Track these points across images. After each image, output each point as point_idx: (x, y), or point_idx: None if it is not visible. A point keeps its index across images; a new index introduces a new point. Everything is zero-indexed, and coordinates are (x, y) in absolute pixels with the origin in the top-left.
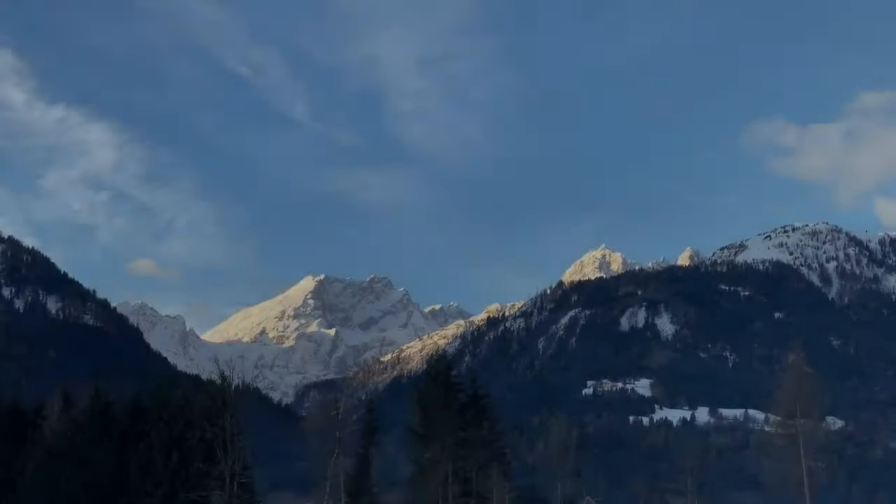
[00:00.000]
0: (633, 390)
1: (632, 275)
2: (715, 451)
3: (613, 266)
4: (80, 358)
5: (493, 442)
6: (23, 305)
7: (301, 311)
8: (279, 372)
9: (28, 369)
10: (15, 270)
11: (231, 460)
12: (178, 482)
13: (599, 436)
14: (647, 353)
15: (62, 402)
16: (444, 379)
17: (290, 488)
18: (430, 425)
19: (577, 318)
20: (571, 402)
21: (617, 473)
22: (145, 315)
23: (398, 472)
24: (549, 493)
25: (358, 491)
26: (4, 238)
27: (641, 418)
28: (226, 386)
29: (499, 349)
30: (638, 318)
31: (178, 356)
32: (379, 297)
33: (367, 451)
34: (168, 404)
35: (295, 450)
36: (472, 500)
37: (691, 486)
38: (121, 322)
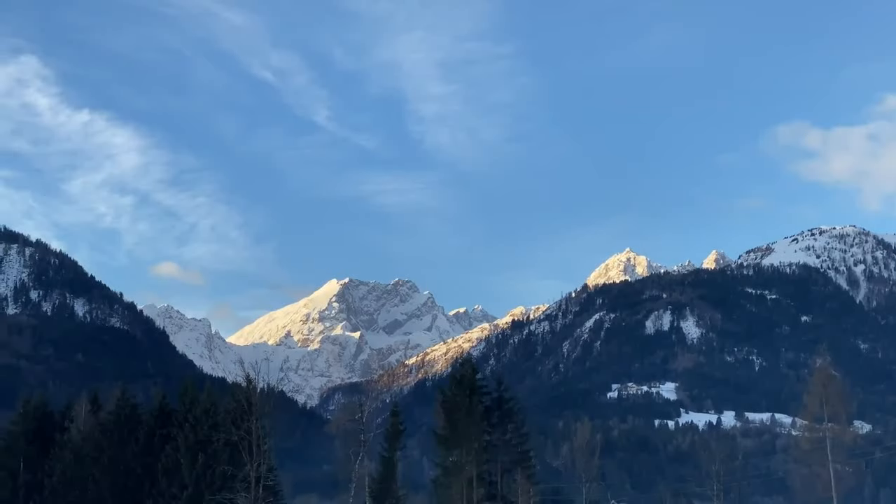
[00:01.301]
0: (659, 394)
1: (657, 278)
2: (741, 456)
3: (638, 269)
4: (106, 360)
5: (517, 445)
6: (50, 308)
7: (326, 314)
8: (304, 375)
9: (55, 371)
10: (42, 273)
11: (257, 463)
12: (204, 485)
13: (624, 439)
14: (672, 357)
15: (89, 404)
16: (469, 382)
17: (316, 491)
18: (455, 428)
19: (602, 321)
20: (596, 406)
21: (642, 477)
22: (171, 318)
23: (423, 475)
24: (575, 496)
25: (383, 494)
26: (32, 241)
27: (667, 422)
28: (251, 388)
29: (523, 352)
30: (663, 321)
31: (203, 359)
32: (403, 301)
33: (391, 455)
34: (194, 407)
35: (320, 452)
36: (497, 503)
37: (717, 491)
38: (147, 325)
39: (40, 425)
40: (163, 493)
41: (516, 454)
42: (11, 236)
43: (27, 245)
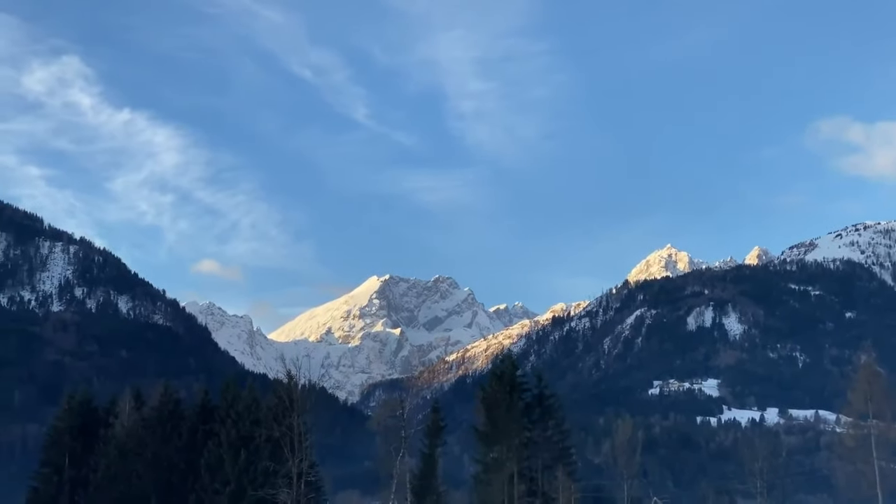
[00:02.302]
0: (701, 390)
1: (698, 274)
2: (785, 453)
3: (680, 265)
4: (150, 357)
5: (558, 442)
6: (94, 305)
7: (366, 311)
8: (345, 371)
9: (100, 368)
10: (87, 271)
11: (298, 459)
12: (247, 480)
13: (666, 436)
14: (714, 353)
15: (133, 400)
16: (509, 379)
17: (357, 487)
18: (496, 425)
19: (643, 317)
20: (637, 403)
21: (684, 475)
22: (213, 315)
23: (463, 471)
24: (616, 493)
25: (424, 490)
26: (76, 239)
27: (709, 419)
28: (292, 385)
29: (564, 349)
30: (705, 317)
31: (245, 355)
32: (444, 297)
33: (432, 451)
34: (236, 403)
35: (361, 449)
36: (537, 500)
37: (761, 488)
38: (189, 322)
39: (85, 421)
40: (206, 489)
41: (557, 451)
42: (56, 234)
43: (71, 243)
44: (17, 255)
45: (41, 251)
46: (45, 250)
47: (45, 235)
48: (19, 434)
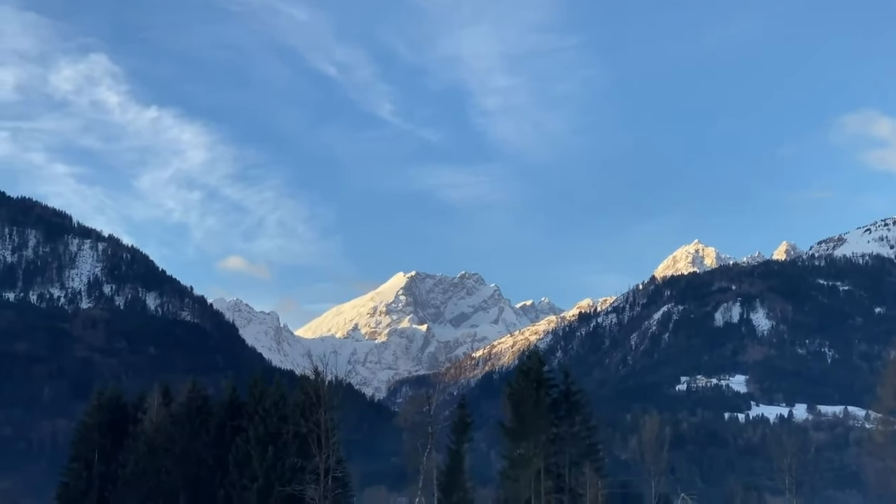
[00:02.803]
0: (728, 386)
1: (726, 269)
2: (814, 449)
3: (707, 260)
4: (178, 353)
5: (585, 438)
6: (123, 302)
7: (393, 307)
8: (371, 367)
9: (128, 364)
10: (115, 268)
11: (325, 455)
12: (274, 476)
13: (694, 433)
14: (742, 349)
15: (161, 396)
16: (536, 375)
17: (384, 483)
18: (522, 421)
19: (670, 313)
20: (665, 398)
21: (712, 471)
22: (240, 311)
23: (490, 467)
24: (644, 489)
25: (451, 486)
26: (105, 237)
27: (737, 415)
28: (319, 381)
29: (591, 345)
30: (732, 313)
31: (272, 352)
32: (470, 293)
33: (459, 447)
34: (263, 399)
35: (388, 445)
36: (564, 496)
37: (789, 485)
38: (217, 318)
39: (114, 417)
40: (234, 485)
41: (584, 447)
42: (85, 232)
43: (100, 240)
44: (47, 252)
45: (70, 248)
46: (73, 248)
47: (74, 233)
48: (49, 430)
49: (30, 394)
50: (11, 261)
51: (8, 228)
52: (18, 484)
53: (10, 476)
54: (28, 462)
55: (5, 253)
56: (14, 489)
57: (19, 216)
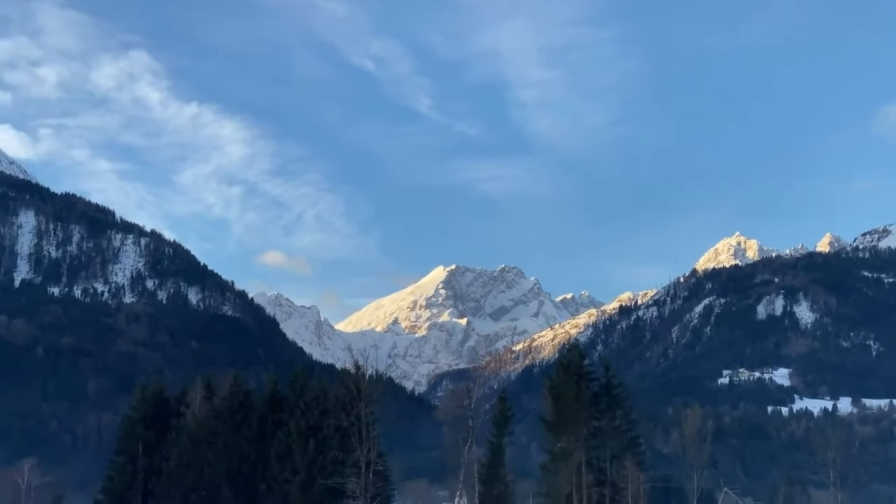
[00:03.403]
0: (772, 380)
1: (768, 261)
2: (858, 443)
3: (749, 253)
4: (219, 347)
5: (626, 432)
6: (165, 297)
7: (433, 301)
8: (412, 361)
9: (171, 358)
10: (158, 263)
11: (366, 448)
12: (316, 469)
13: (736, 426)
14: (785, 342)
15: (204, 390)
16: (576, 368)
17: (425, 476)
18: (563, 414)
19: (712, 306)
20: (706, 392)
21: (755, 465)
22: (281, 306)
23: (531, 461)
24: (685, 483)
25: (491, 479)
26: (147, 232)
27: (780, 408)
28: (360, 375)
29: (631, 338)
30: (775, 305)
31: (312, 346)
32: (510, 287)
33: (499, 440)
34: (304, 393)
35: (428, 438)
36: (606, 489)
37: (833, 478)
38: (258, 313)
39: (157, 411)
40: (275, 478)
41: (625, 440)
42: (127, 227)
43: (142, 235)
44: (91, 247)
45: (113, 244)
46: (117, 243)
47: (117, 228)
48: (94, 423)
49: (75, 388)
50: (56, 256)
51: (52, 224)
52: (64, 477)
53: (56, 469)
54: (74, 455)
55: (50, 248)
56: (60, 482)
57: (63, 212)
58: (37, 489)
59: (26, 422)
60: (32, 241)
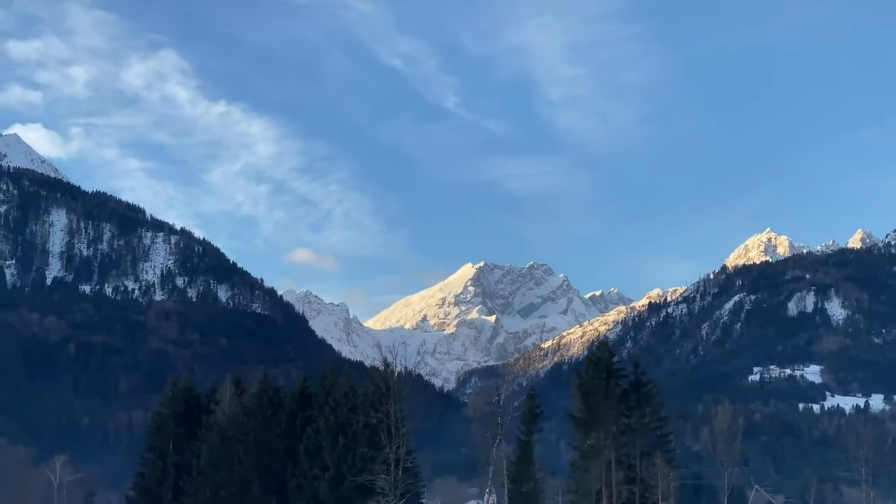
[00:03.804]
0: (803, 377)
1: (799, 258)
2: (891, 440)
3: (780, 249)
4: (249, 345)
5: (656, 429)
6: (195, 294)
7: (461, 298)
8: (440, 358)
9: (200, 355)
10: (187, 261)
11: (396, 445)
12: (345, 466)
13: (767, 423)
14: (816, 339)
15: (233, 387)
16: (605, 365)
17: (454, 473)
18: (592, 412)
19: (742, 302)
20: (737, 389)
21: (786, 462)
22: (310, 303)
23: (560, 458)
24: (716, 481)
25: (521, 477)
26: (177, 230)
27: (812, 405)
28: (389, 372)
29: (661, 335)
30: (806, 302)
31: (341, 343)
32: (539, 284)
33: (528, 438)
34: (333, 390)
35: (457, 436)
36: (636, 487)
37: (866, 476)
38: (287, 310)
39: (188, 408)
40: (305, 474)
41: (655, 438)
42: (158, 225)
43: (172, 233)
44: (121, 245)
45: (143, 242)
46: (147, 241)
47: (148, 226)
48: (125, 420)
49: (106, 385)
50: (87, 254)
51: (84, 222)
52: (96, 473)
53: (87, 465)
54: (105, 452)
55: (81, 247)
56: (92, 478)
57: (94, 210)
58: (69, 485)
59: (58, 418)
60: (64, 240)
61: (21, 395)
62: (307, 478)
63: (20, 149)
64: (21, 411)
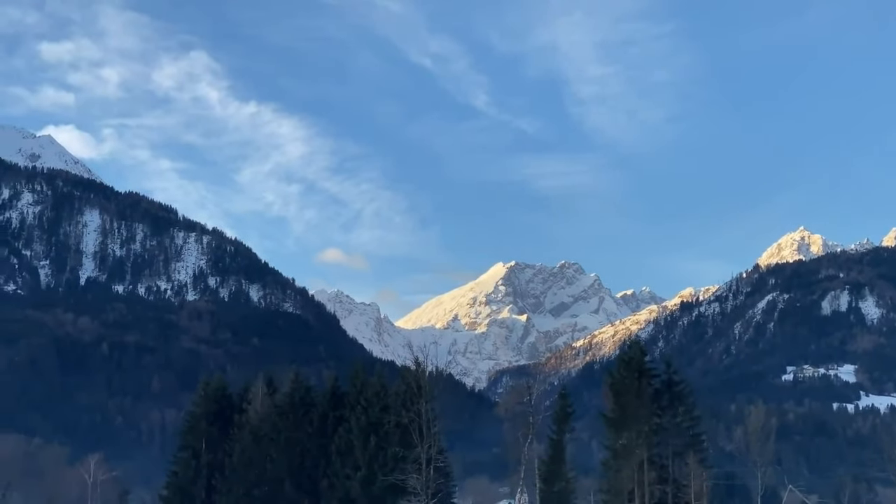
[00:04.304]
0: (837, 376)
1: (833, 257)
2: None
3: (813, 248)
4: (280, 344)
5: (688, 429)
6: (227, 294)
7: (492, 298)
8: (471, 358)
9: (233, 355)
10: (219, 261)
11: (427, 445)
12: (377, 465)
13: (801, 423)
14: (850, 338)
15: (265, 387)
16: (637, 364)
17: (485, 473)
18: (624, 411)
19: (776, 302)
20: (770, 389)
21: (820, 462)
22: (341, 303)
23: (592, 458)
24: (749, 481)
25: (552, 476)
26: (209, 230)
27: (846, 405)
28: (420, 372)
29: (693, 334)
30: (840, 301)
31: (373, 343)
32: (570, 283)
33: (560, 437)
34: (365, 390)
35: (488, 435)
36: (668, 487)
37: None
38: (318, 309)
39: (220, 407)
40: (337, 474)
41: (687, 437)
42: (190, 225)
43: (204, 233)
44: (154, 245)
45: (176, 242)
46: (179, 241)
47: (180, 226)
48: (158, 419)
49: (139, 384)
50: (120, 254)
51: (117, 223)
52: (129, 472)
53: (121, 464)
54: (139, 450)
55: (114, 247)
56: (125, 477)
57: (127, 210)
58: (103, 484)
59: (92, 417)
60: (97, 240)
61: (55, 394)
62: (339, 477)
63: (54, 150)
64: (55, 410)
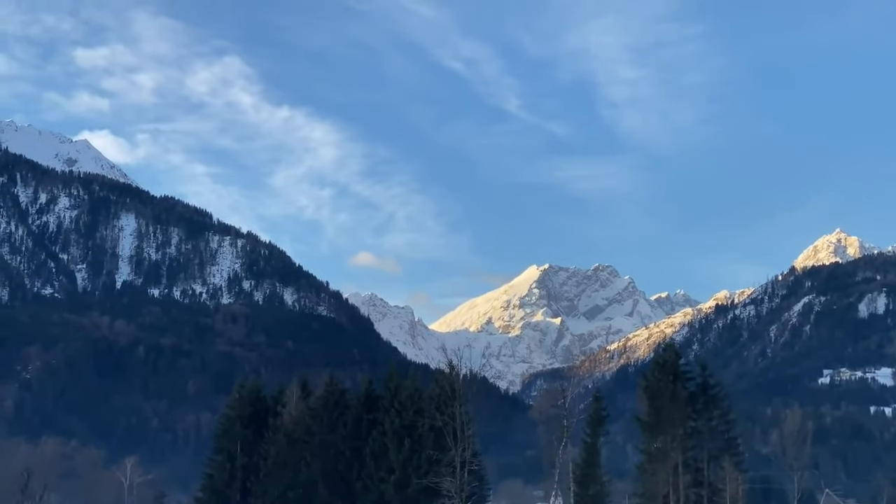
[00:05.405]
0: (874, 379)
1: (870, 259)
2: None
3: (850, 250)
4: (315, 347)
5: (724, 432)
6: (261, 298)
7: (526, 301)
8: (505, 361)
9: (267, 358)
10: (254, 264)
11: (461, 448)
12: (411, 468)
13: (838, 427)
14: (888, 341)
15: (300, 390)
16: (672, 367)
17: (519, 476)
18: (659, 415)
19: (812, 304)
20: (806, 392)
21: (857, 466)
22: (375, 306)
23: (627, 461)
24: (786, 485)
25: (587, 479)
26: (243, 234)
27: (883, 409)
28: (454, 375)
29: (728, 337)
30: (877, 304)
31: (406, 346)
32: (604, 286)
33: (595, 440)
34: (399, 393)
35: (523, 438)
36: (703, 490)
37: None
38: (352, 313)
39: (255, 410)
40: (371, 476)
41: (723, 441)
42: (224, 229)
43: (239, 237)
44: (189, 249)
45: (211, 245)
46: (214, 244)
47: (214, 230)
48: (194, 422)
49: (175, 387)
50: (156, 258)
51: (152, 227)
52: (165, 474)
53: (157, 467)
54: (174, 453)
55: (150, 251)
56: (161, 480)
57: (163, 214)
58: (139, 486)
59: (128, 420)
60: (133, 244)
61: (92, 397)
62: (373, 480)
63: (90, 154)
64: (92, 413)
